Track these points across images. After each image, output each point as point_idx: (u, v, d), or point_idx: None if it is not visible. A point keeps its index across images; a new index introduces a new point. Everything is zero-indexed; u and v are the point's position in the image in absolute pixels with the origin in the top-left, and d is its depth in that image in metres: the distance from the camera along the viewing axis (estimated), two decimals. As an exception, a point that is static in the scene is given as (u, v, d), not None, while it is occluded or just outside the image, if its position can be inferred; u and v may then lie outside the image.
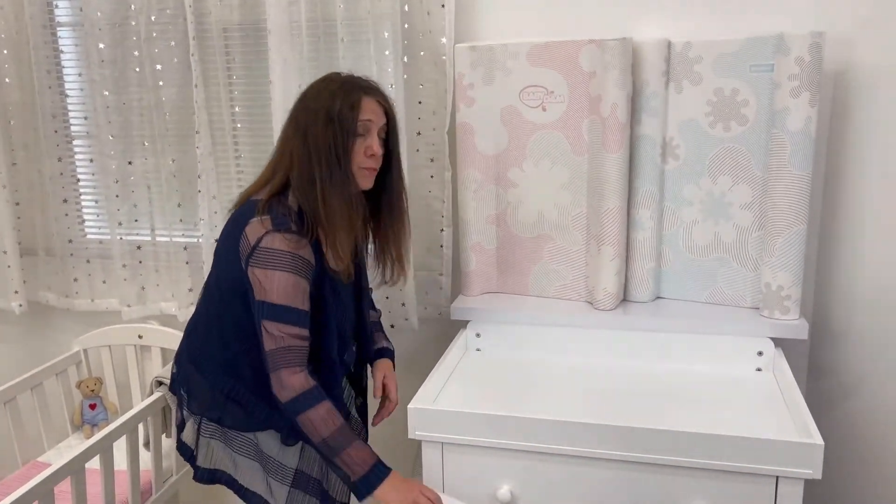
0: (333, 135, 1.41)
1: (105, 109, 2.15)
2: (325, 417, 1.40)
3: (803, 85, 1.63)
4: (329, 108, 1.42)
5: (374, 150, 1.46)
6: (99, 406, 2.34)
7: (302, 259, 1.42)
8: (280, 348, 1.41)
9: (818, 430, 1.36)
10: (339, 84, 1.45)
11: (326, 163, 1.41)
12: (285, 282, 1.40)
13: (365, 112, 1.44)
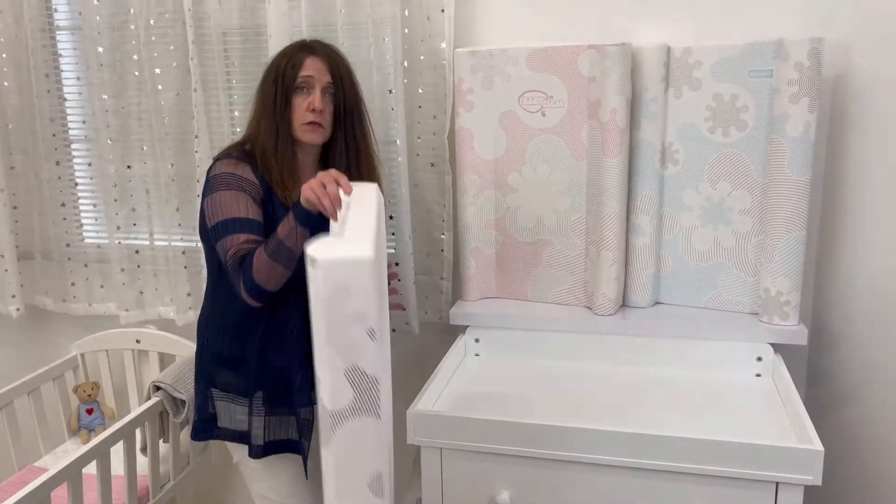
0: (275, 90, 1.56)
1: (104, 113, 2.15)
2: (256, 256, 1.42)
3: (803, 90, 1.63)
4: (277, 66, 1.58)
5: (315, 105, 1.56)
6: (96, 411, 2.33)
7: (240, 177, 1.53)
8: (231, 262, 1.46)
9: (818, 435, 1.35)
10: (291, 47, 1.61)
11: (270, 114, 1.57)
12: (225, 198, 1.50)
13: (306, 69, 1.57)
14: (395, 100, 1.94)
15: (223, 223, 1.49)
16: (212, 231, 1.51)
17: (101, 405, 2.35)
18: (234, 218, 1.49)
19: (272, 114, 1.57)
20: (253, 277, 1.44)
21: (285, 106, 1.57)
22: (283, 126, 1.57)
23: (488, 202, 1.95)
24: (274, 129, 1.57)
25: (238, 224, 1.49)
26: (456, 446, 1.47)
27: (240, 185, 1.52)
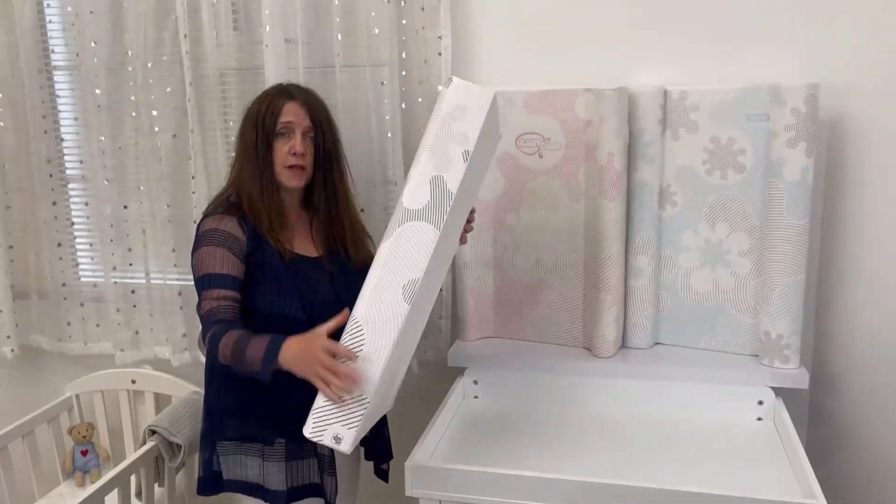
0: (256, 135, 1.57)
1: (101, 154, 2.15)
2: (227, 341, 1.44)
3: (800, 136, 1.64)
4: (256, 112, 1.59)
5: (297, 149, 1.58)
6: (91, 452, 2.30)
7: (224, 233, 1.54)
8: (201, 315, 1.50)
9: (818, 480, 1.34)
10: (268, 92, 1.63)
11: (252, 160, 1.58)
12: (205, 254, 1.53)
13: (285, 115, 1.58)
14: (393, 142, 1.94)
15: (201, 278, 1.53)
16: (195, 285, 1.55)
17: (96, 446, 2.32)
18: (210, 274, 1.52)
19: (254, 159, 1.58)
20: (218, 355, 1.46)
21: (267, 151, 1.58)
22: (265, 171, 1.58)
23: (486, 242, 1.95)
24: (257, 174, 1.58)
25: (212, 280, 1.51)
26: (455, 499, 1.45)
27: (222, 241, 1.54)
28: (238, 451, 1.62)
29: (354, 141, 1.91)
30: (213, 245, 1.53)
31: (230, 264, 1.53)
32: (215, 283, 1.51)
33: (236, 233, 1.55)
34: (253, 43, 2.01)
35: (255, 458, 1.61)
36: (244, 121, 1.62)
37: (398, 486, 1.52)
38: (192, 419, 2.06)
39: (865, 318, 1.79)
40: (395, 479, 1.82)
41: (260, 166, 1.57)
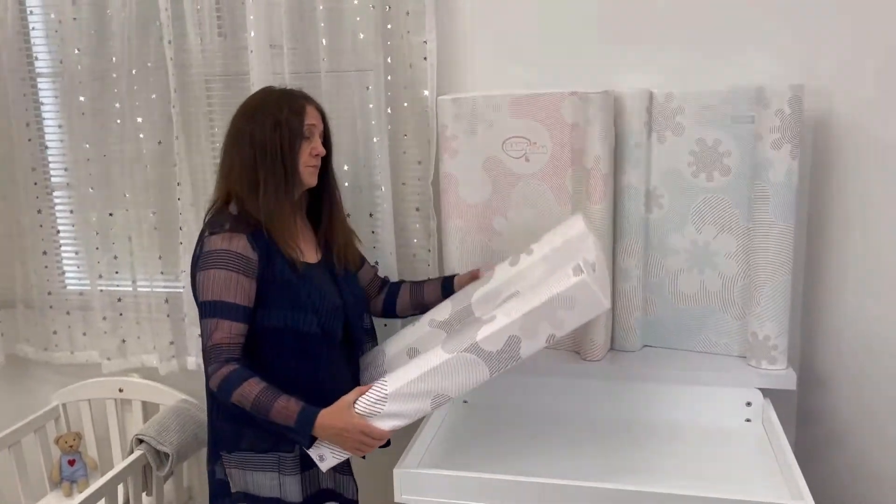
0: (281, 138, 1.54)
1: (85, 161, 2.14)
2: (245, 391, 1.45)
3: (784, 137, 1.64)
4: (276, 114, 1.55)
5: (320, 151, 1.60)
6: (78, 462, 2.28)
7: (236, 255, 1.50)
8: (207, 346, 1.49)
9: (807, 481, 1.34)
10: (280, 94, 1.60)
11: (272, 165, 1.54)
12: (217, 277, 1.49)
13: (309, 117, 1.59)
14: (379, 147, 1.93)
15: (212, 304, 1.49)
16: (200, 306, 1.52)
17: (84, 456, 2.30)
18: (223, 302, 1.49)
19: (280, 163, 1.54)
20: (230, 398, 1.46)
21: (293, 153, 1.55)
22: (291, 175, 1.56)
23: (474, 247, 1.94)
24: (283, 177, 1.54)
25: (225, 310, 1.49)
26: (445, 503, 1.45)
27: (235, 265, 1.50)
28: (252, 464, 1.60)
29: (339, 146, 1.90)
30: (227, 269, 1.50)
31: (244, 293, 1.51)
32: (228, 314, 1.49)
33: (248, 253, 1.52)
34: (238, 48, 2.00)
35: (270, 472, 1.59)
36: (255, 122, 1.55)
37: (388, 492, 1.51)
38: (179, 427, 2.05)
39: (852, 318, 1.80)
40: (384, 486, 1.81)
41: (287, 169, 1.55)
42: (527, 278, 1.58)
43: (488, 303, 1.64)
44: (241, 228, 1.53)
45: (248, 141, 1.56)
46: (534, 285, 1.47)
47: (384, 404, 1.42)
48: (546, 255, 1.60)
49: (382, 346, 1.76)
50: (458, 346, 1.38)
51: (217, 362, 1.48)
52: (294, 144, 1.55)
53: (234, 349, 1.49)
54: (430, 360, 1.41)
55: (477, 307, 1.65)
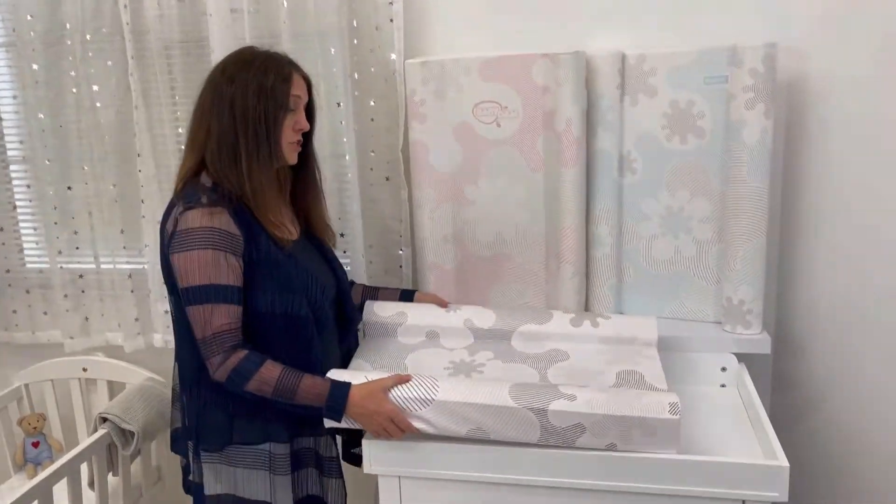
0: (265, 108, 1.40)
1: (41, 133, 2.06)
2: (265, 376, 1.37)
3: (758, 96, 1.61)
4: (261, 80, 1.40)
5: (304, 126, 1.47)
6: (43, 444, 2.22)
7: (219, 232, 1.37)
8: (206, 336, 1.37)
9: (782, 446, 1.33)
10: (265, 57, 1.45)
11: (255, 136, 1.40)
12: (203, 259, 1.36)
13: (296, 87, 1.45)
14: (345, 113, 1.87)
15: (203, 289, 1.36)
16: (185, 292, 1.37)
17: (48, 438, 2.24)
18: (216, 285, 1.36)
19: (263, 135, 1.40)
20: (244, 387, 1.38)
21: (277, 125, 1.42)
22: (275, 147, 1.43)
23: (446, 216, 1.90)
24: (266, 149, 1.41)
25: (220, 293, 1.36)
26: (414, 474, 1.41)
27: (222, 243, 1.37)
28: (242, 461, 1.48)
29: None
30: (213, 248, 1.36)
31: (234, 272, 1.38)
32: (223, 297, 1.37)
33: (232, 229, 1.38)
34: (196, 13, 1.93)
35: (261, 470, 1.48)
36: (237, 86, 1.40)
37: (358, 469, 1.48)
38: (145, 405, 2.00)
39: (827, 282, 1.78)
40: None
41: (271, 142, 1.41)
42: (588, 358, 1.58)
43: (531, 342, 1.66)
44: (220, 202, 1.38)
45: (228, 106, 1.40)
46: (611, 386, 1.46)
47: (425, 408, 1.36)
48: (610, 341, 1.63)
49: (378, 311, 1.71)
50: (527, 401, 1.33)
51: (223, 352, 1.37)
52: (278, 116, 1.41)
53: (236, 334, 1.38)
54: (493, 394, 1.34)
55: (518, 340, 1.67)
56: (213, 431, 1.48)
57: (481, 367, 1.57)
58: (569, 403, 1.32)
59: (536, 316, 1.68)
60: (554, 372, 1.54)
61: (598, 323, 1.64)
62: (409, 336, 1.70)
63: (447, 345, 1.67)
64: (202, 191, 1.41)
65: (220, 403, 1.47)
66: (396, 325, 1.70)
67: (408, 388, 1.38)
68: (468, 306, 1.74)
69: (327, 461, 1.55)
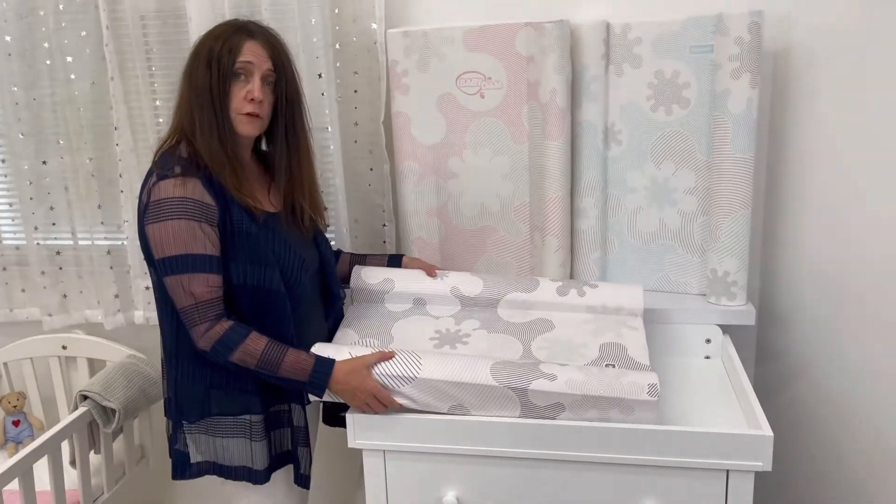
0: (211, 76, 1.39)
1: (14, 106, 2.00)
2: (250, 348, 1.37)
3: (744, 66, 1.59)
4: (210, 49, 1.40)
5: (254, 95, 1.41)
6: (23, 422, 2.19)
7: (192, 202, 1.36)
8: (189, 305, 1.37)
9: (767, 417, 1.33)
10: (224, 27, 1.44)
11: (206, 104, 1.40)
12: (178, 229, 1.35)
13: (245, 54, 1.41)
14: (326, 84, 1.84)
15: (179, 259, 1.35)
16: (161, 263, 1.37)
17: (28, 416, 2.21)
18: (191, 254, 1.35)
19: (209, 104, 1.39)
20: (228, 357, 1.37)
21: (222, 95, 1.39)
22: (222, 118, 1.40)
23: (429, 189, 1.88)
24: (213, 121, 1.40)
25: (198, 262, 1.35)
26: (399, 448, 1.40)
27: (196, 213, 1.36)
28: (221, 430, 1.49)
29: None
30: (187, 218, 1.34)
31: (211, 241, 1.37)
32: (202, 267, 1.35)
33: (206, 199, 1.37)
34: (173, -19, 1.88)
35: (241, 437, 1.48)
36: (193, 60, 1.42)
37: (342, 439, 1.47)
38: (126, 383, 1.97)
39: (811, 254, 1.78)
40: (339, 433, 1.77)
41: (217, 113, 1.39)
42: (573, 329, 1.57)
43: (517, 310, 1.64)
44: (193, 171, 1.38)
45: (188, 78, 1.43)
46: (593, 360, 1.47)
47: (407, 385, 1.36)
48: (596, 310, 1.62)
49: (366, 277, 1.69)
50: (508, 380, 1.33)
51: (207, 321, 1.36)
52: (223, 84, 1.39)
53: (219, 303, 1.37)
54: (474, 372, 1.35)
55: (504, 308, 1.64)
56: (192, 403, 1.48)
57: (466, 338, 1.56)
58: (549, 383, 1.32)
59: (523, 284, 1.66)
60: (538, 344, 1.53)
61: (584, 292, 1.63)
62: (397, 303, 1.68)
63: (434, 312, 1.66)
64: (177, 161, 1.40)
65: (197, 375, 1.46)
66: (384, 292, 1.68)
67: (391, 364, 1.37)
68: (456, 273, 1.71)
69: (297, 429, 1.53)
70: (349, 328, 1.60)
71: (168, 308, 1.43)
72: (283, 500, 1.57)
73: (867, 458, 1.54)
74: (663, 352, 1.72)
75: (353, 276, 1.70)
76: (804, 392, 1.79)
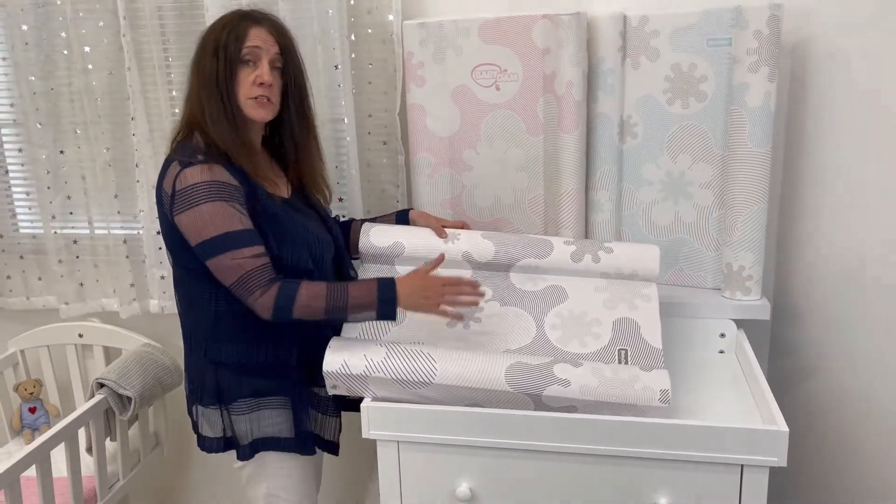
0: (218, 64, 1.41)
1: (32, 96, 2.02)
2: (311, 297, 1.38)
3: (762, 59, 1.58)
4: (217, 38, 1.42)
5: (264, 78, 1.43)
6: (39, 409, 2.22)
7: (221, 184, 1.38)
8: (241, 277, 1.37)
9: (781, 411, 1.33)
10: (230, 16, 1.46)
11: (213, 93, 1.42)
12: (213, 211, 1.37)
13: (252, 40, 1.43)
14: (343, 76, 1.84)
15: (219, 239, 1.36)
16: (202, 247, 1.38)
17: (45, 403, 2.23)
18: (230, 232, 1.36)
19: (216, 93, 1.41)
20: (292, 312, 1.38)
21: (230, 82, 1.42)
22: (230, 105, 1.42)
23: (443, 181, 1.88)
24: (221, 109, 1.42)
25: (239, 239, 1.37)
26: (413, 439, 1.41)
27: (226, 194, 1.38)
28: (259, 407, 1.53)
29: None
30: (220, 199, 1.37)
31: (246, 219, 1.39)
32: (243, 242, 1.37)
33: (232, 181, 1.39)
34: (190, -28, 1.89)
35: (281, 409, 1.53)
36: (200, 50, 1.45)
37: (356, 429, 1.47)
38: (142, 371, 1.99)
39: (827, 249, 1.77)
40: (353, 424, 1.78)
41: (224, 100, 1.42)
42: (586, 299, 1.56)
43: (530, 277, 1.62)
44: (214, 157, 1.40)
45: (196, 68, 1.46)
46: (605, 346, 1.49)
47: (423, 389, 1.39)
48: (610, 276, 1.59)
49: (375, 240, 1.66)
50: (523, 386, 1.36)
51: (260, 287, 1.36)
52: (231, 71, 1.41)
53: (269, 269, 1.38)
54: (489, 378, 1.37)
55: (517, 274, 1.62)
56: (205, 389, 1.53)
57: (479, 313, 1.55)
58: (562, 389, 1.35)
59: (537, 248, 1.63)
60: (551, 321, 1.53)
61: (599, 258, 1.60)
62: (407, 266, 1.64)
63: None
64: (196, 149, 1.43)
65: (209, 363, 1.50)
66: (394, 255, 1.65)
67: (405, 370, 1.39)
68: (466, 234, 1.67)
69: (324, 400, 1.57)
70: None
71: (186, 295, 1.49)
72: (298, 485, 1.59)
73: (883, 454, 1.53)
74: (677, 346, 1.72)
75: (363, 234, 1.66)
76: (818, 388, 1.78)
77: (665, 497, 1.33)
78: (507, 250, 1.63)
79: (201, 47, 1.46)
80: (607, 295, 1.57)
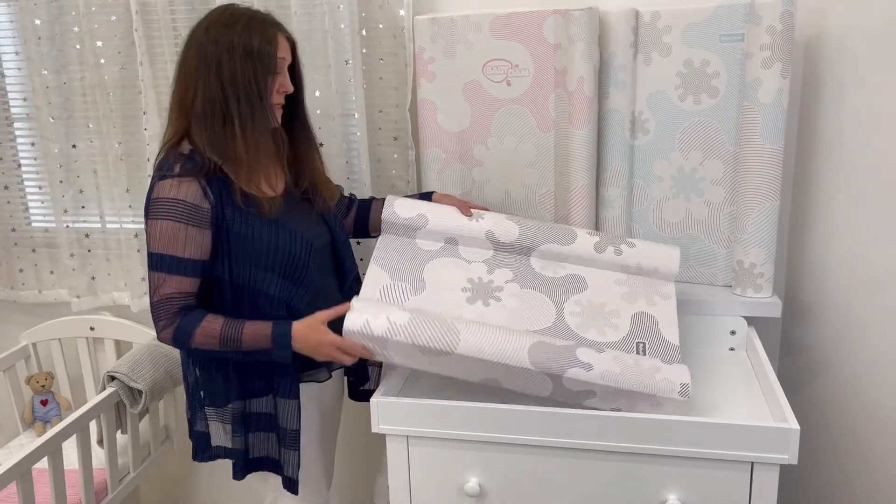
0: (254, 71, 1.39)
1: (44, 90, 2.03)
2: (207, 329, 1.40)
3: (775, 55, 1.57)
4: (247, 43, 1.39)
5: (288, 88, 1.46)
6: (51, 402, 2.23)
7: (183, 203, 1.38)
8: (156, 301, 1.42)
9: (792, 409, 1.32)
10: (249, 17, 1.42)
11: (246, 99, 1.39)
12: (164, 229, 1.39)
13: (281, 49, 1.43)
14: (353, 71, 1.84)
15: (159, 257, 1.40)
16: (148, 257, 1.42)
17: (56, 396, 2.25)
18: (170, 255, 1.39)
19: (249, 98, 1.38)
20: (189, 343, 1.41)
21: (267, 89, 1.41)
22: (268, 111, 1.42)
23: (454, 177, 1.88)
24: (261, 113, 1.40)
25: (173, 265, 1.39)
26: (422, 433, 1.41)
27: (184, 215, 1.38)
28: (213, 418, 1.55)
29: (310, 71, 1.82)
30: (175, 220, 1.37)
31: (195, 245, 1.40)
32: (176, 269, 1.39)
33: (199, 202, 1.38)
34: (202, -33, 1.89)
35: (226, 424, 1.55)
36: (221, 48, 1.38)
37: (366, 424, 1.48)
38: (152, 364, 2.00)
39: (838, 246, 1.76)
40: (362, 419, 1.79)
41: (264, 107, 1.40)
42: (606, 291, 1.56)
43: (551, 263, 1.61)
44: (193, 173, 1.39)
45: (215, 69, 1.38)
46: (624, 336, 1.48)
47: (443, 358, 1.38)
48: (630, 271, 1.59)
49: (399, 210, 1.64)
50: (546, 365, 1.35)
51: (166, 318, 1.41)
52: (267, 79, 1.40)
53: (184, 304, 1.41)
54: (513, 353, 1.35)
55: (538, 258, 1.61)
56: (194, 390, 1.56)
57: (499, 293, 1.54)
58: (585, 373, 1.34)
59: (560, 235, 1.61)
60: (570, 308, 1.52)
61: (621, 251, 1.59)
62: (428, 240, 1.63)
63: (466, 255, 1.61)
64: (178, 159, 1.41)
65: (191, 365, 1.54)
66: (416, 227, 1.63)
67: (428, 337, 1.36)
68: (491, 215, 1.65)
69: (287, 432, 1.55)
70: (381, 268, 1.57)
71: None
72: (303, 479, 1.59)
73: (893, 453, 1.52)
74: (688, 343, 1.71)
75: (386, 205, 1.64)
76: (829, 385, 1.78)
77: (675, 494, 1.33)
78: (531, 234, 1.62)
79: (225, 49, 1.38)
80: (626, 289, 1.57)
